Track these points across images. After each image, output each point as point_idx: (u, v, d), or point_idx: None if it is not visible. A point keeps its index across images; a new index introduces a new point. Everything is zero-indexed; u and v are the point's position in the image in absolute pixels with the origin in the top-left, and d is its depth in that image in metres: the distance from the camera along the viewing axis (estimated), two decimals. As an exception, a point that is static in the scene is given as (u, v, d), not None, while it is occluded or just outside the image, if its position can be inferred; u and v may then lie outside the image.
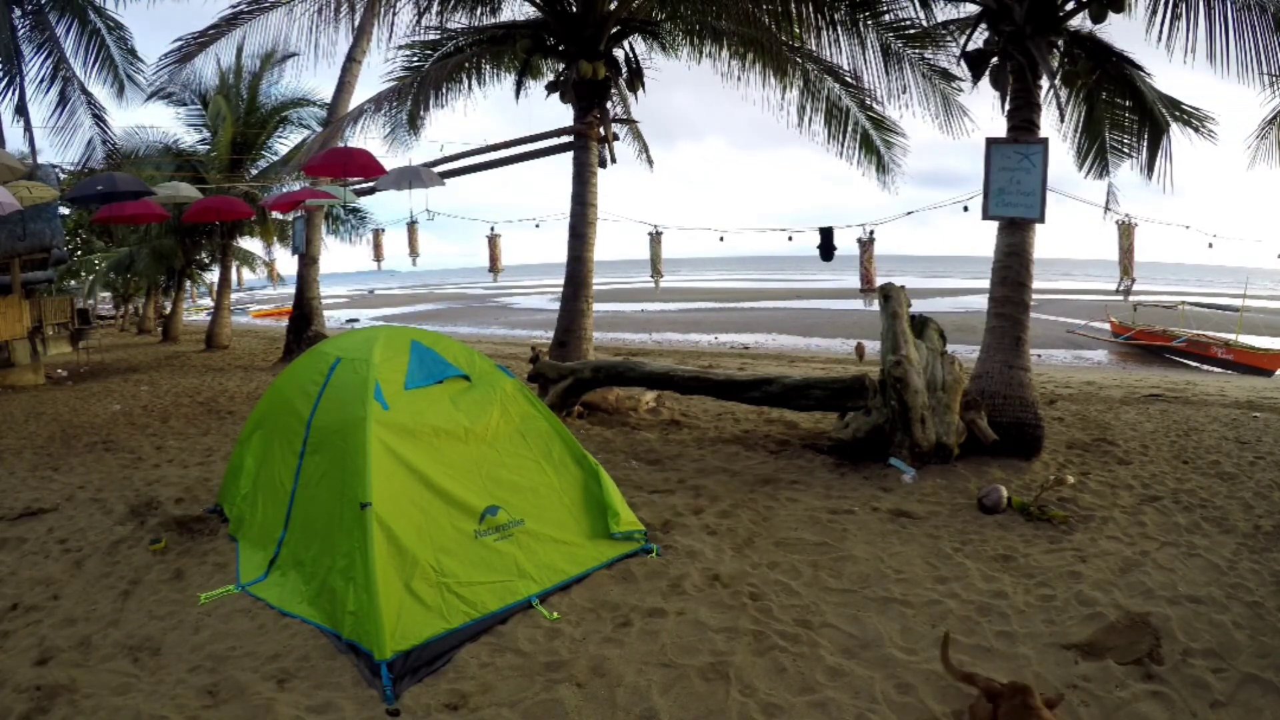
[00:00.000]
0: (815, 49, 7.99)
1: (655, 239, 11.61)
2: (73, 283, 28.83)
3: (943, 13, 7.11)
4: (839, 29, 7.29)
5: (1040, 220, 6.09)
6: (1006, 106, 6.27)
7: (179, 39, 9.45)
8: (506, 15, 9.33)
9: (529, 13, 9.08)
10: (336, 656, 2.99)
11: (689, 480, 5.35)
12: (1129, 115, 7.54)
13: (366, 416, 3.47)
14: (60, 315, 16.97)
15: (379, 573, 3.01)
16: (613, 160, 9.61)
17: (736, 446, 6.37)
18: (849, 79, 8.24)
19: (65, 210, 17.90)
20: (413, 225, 13.43)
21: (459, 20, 9.47)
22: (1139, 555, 3.85)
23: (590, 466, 4.07)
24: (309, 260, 14.88)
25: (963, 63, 6.73)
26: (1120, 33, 6.72)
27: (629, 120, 10.96)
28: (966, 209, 8.60)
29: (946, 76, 7.63)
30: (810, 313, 31.83)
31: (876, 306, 6.24)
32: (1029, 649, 2.97)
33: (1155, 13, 6.04)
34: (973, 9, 6.71)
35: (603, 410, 7.80)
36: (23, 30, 12.32)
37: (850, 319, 26.68)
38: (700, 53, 9.24)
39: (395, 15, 8.66)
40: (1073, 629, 3.11)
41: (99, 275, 28.27)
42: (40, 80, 12.49)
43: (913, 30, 7.23)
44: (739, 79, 8.80)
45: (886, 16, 7.20)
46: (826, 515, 4.56)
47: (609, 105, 9.30)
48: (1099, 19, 6.12)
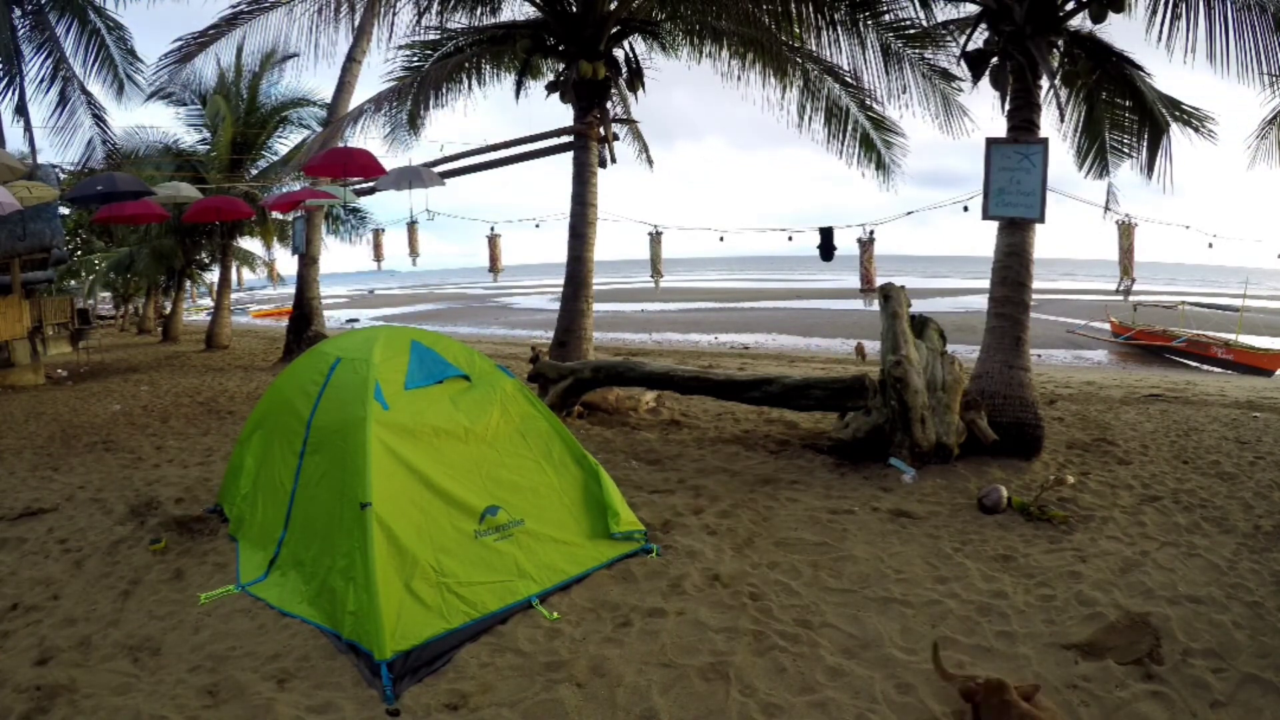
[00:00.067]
0: (815, 49, 7.99)
1: (655, 239, 11.61)
2: (73, 283, 28.83)
3: (943, 13, 7.12)
4: (839, 29, 7.29)
5: (1040, 220, 6.10)
6: (1006, 106, 6.27)
7: (179, 39, 9.46)
8: (506, 15, 9.34)
9: (529, 13, 9.08)
10: (336, 656, 2.99)
11: (689, 480, 5.35)
12: (1129, 115, 7.54)
13: (366, 416, 3.47)
14: (60, 315, 16.97)
15: (379, 573, 3.02)
16: (613, 160, 9.61)
17: (736, 446, 6.37)
18: (849, 79, 8.24)
19: (65, 210, 17.91)
20: (413, 225, 13.44)
21: (459, 20, 9.48)
22: (1139, 555, 3.85)
23: (590, 466, 4.07)
24: (309, 260, 14.89)
25: (963, 63, 6.73)
26: (1120, 33, 6.73)
27: (629, 120, 10.96)
28: (966, 209, 8.61)
29: (946, 76, 7.63)
30: (810, 313, 31.84)
31: (876, 306, 6.24)
32: (1029, 649, 2.97)
33: (1155, 13, 6.05)
34: (973, 9, 6.71)
35: (603, 410, 7.80)
36: (23, 30, 12.33)
37: (850, 319, 26.69)
38: (700, 53, 9.24)
39: (395, 15, 8.66)
40: (1073, 629, 3.11)
41: (99, 275, 28.28)
42: (40, 80, 12.50)
43: (913, 30, 7.23)
44: (739, 79, 8.81)
45: (886, 16, 7.20)
46: (826, 515, 4.56)
47: (609, 105, 9.30)
48: (1099, 19, 6.12)
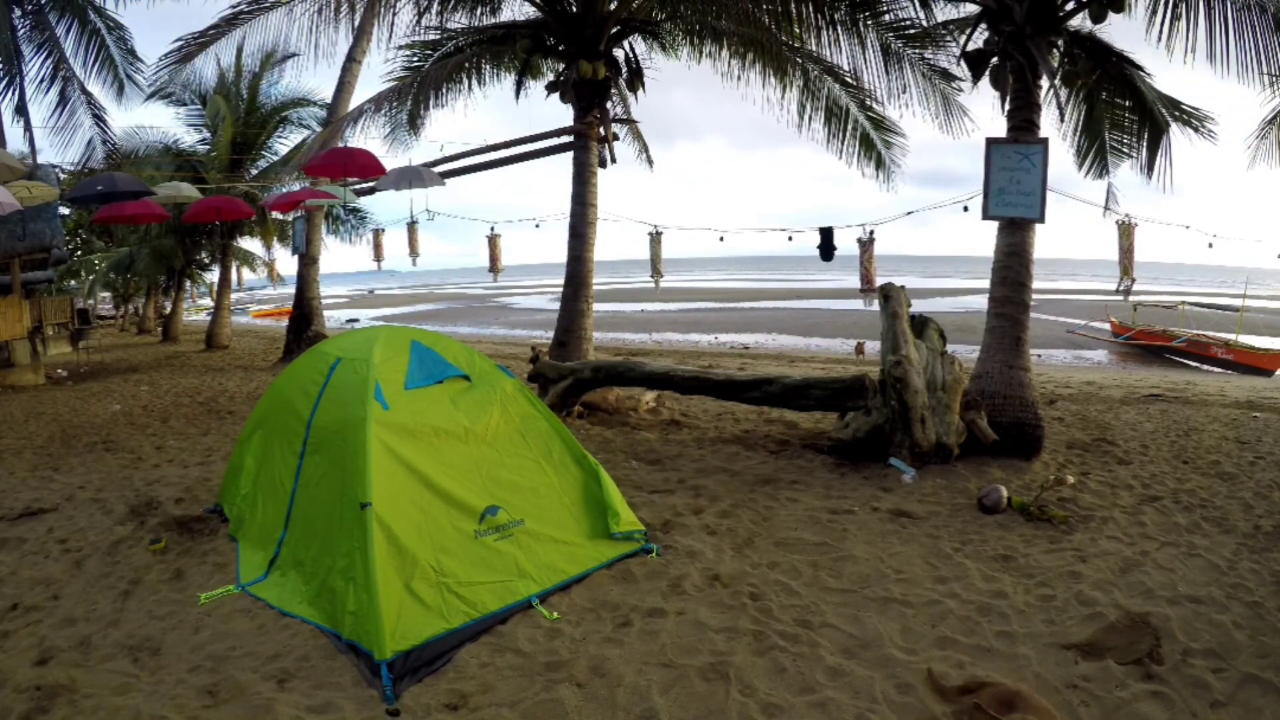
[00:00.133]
0: (815, 49, 7.98)
1: (655, 239, 11.62)
2: (73, 283, 28.84)
3: (943, 13, 7.12)
4: (839, 29, 7.29)
5: (1040, 220, 6.09)
6: (1006, 106, 6.27)
7: (179, 39, 9.46)
8: (506, 15, 9.33)
9: (529, 13, 9.08)
10: (336, 656, 2.99)
11: (689, 480, 5.35)
12: (1129, 115, 7.54)
13: (366, 416, 3.47)
14: (60, 315, 16.95)
15: (379, 573, 3.01)
16: (613, 160, 9.61)
17: (736, 446, 6.37)
18: (849, 79, 8.24)
19: (65, 210, 17.91)
20: (413, 225, 13.44)
21: (459, 20, 9.47)
22: (1139, 555, 3.85)
23: (590, 466, 4.07)
24: (309, 260, 14.89)
25: (963, 63, 6.73)
26: (1120, 33, 6.73)
27: (629, 120, 10.96)
28: (966, 209, 8.62)
29: (946, 76, 7.63)
30: (810, 313, 31.84)
31: (876, 306, 6.24)
32: (1029, 649, 2.97)
33: (1155, 13, 6.05)
34: (973, 9, 6.71)
35: (603, 410, 7.79)
36: (23, 30, 12.34)
37: (850, 319, 26.70)
38: (700, 53, 9.24)
39: (395, 15, 8.67)
40: (1073, 629, 3.11)
41: (99, 275, 28.28)
42: (40, 80, 12.52)
43: (913, 30, 7.23)
44: (739, 79, 8.81)
45: (886, 16, 7.20)
46: (826, 515, 4.56)
47: (609, 105, 9.29)
48: (1099, 19, 6.12)
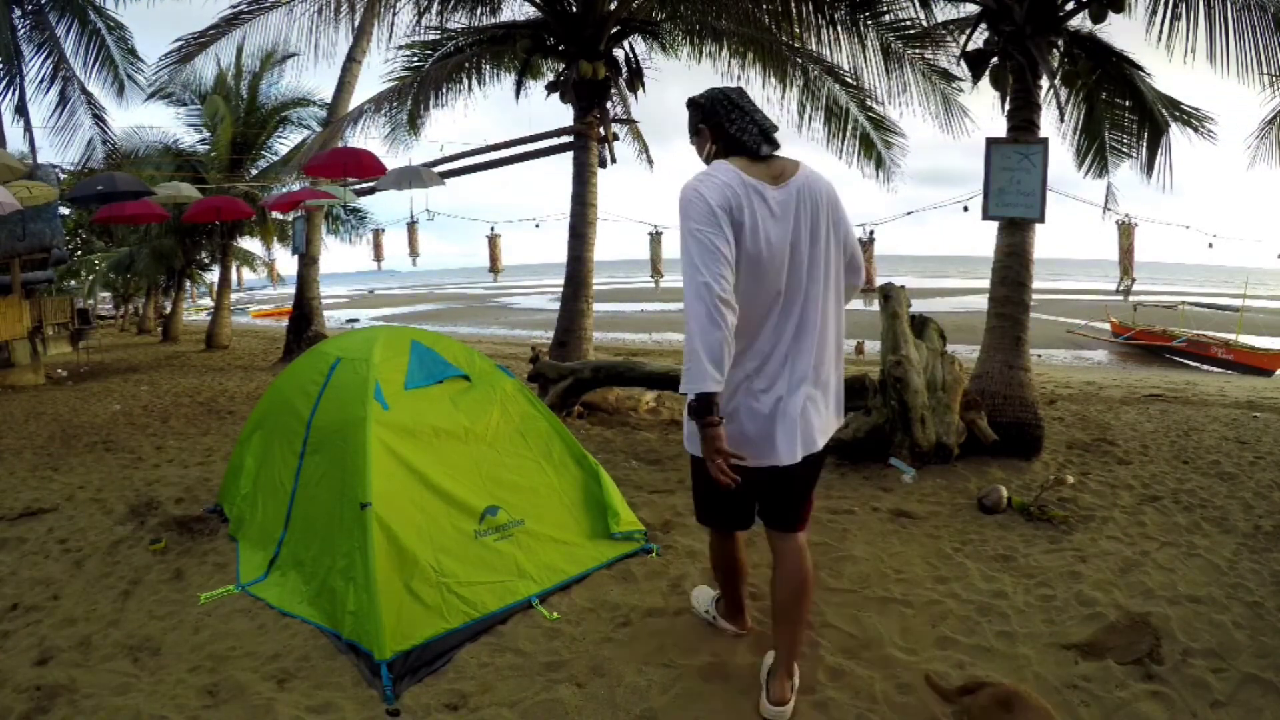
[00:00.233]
0: (815, 49, 7.99)
1: (655, 239, 11.64)
2: (73, 283, 28.85)
3: (943, 13, 7.11)
4: (839, 29, 7.30)
5: (1040, 220, 6.09)
6: (1006, 106, 6.26)
7: (179, 39, 9.47)
8: (506, 15, 9.33)
9: (529, 13, 9.08)
10: (336, 656, 2.99)
11: (689, 480, 5.33)
12: (1129, 115, 7.54)
13: (366, 416, 3.47)
14: (60, 315, 16.96)
15: (379, 573, 3.01)
16: (613, 160, 9.61)
17: (736, 446, 6.35)
18: (849, 79, 8.24)
19: (65, 210, 17.92)
20: (413, 225, 13.46)
21: (459, 20, 9.48)
22: (1139, 555, 3.85)
23: (590, 466, 4.07)
24: (309, 260, 14.89)
25: (963, 63, 6.73)
26: (1120, 32, 6.72)
27: (629, 120, 10.96)
28: (966, 209, 8.63)
29: (946, 76, 7.63)
30: (810, 313, 31.75)
31: (876, 306, 6.23)
32: (1029, 649, 2.97)
33: (1155, 13, 6.04)
34: (973, 9, 6.70)
35: (603, 410, 7.79)
36: (23, 30, 12.36)
37: (850, 319, 26.57)
38: (700, 53, 9.24)
39: (395, 15, 8.68)
40: (1073, 629, 3.11)
41: (99, 275, 28.29)
42: (40, 80, 12.54)
43: (913, 30, 7.23)
44: (739, 79, 8.81)
45: (886, 16, 7.20)
46: (826, 515, 4.56)
47: (609, 105, 9.30)
48: (1099, 19, 6.11)
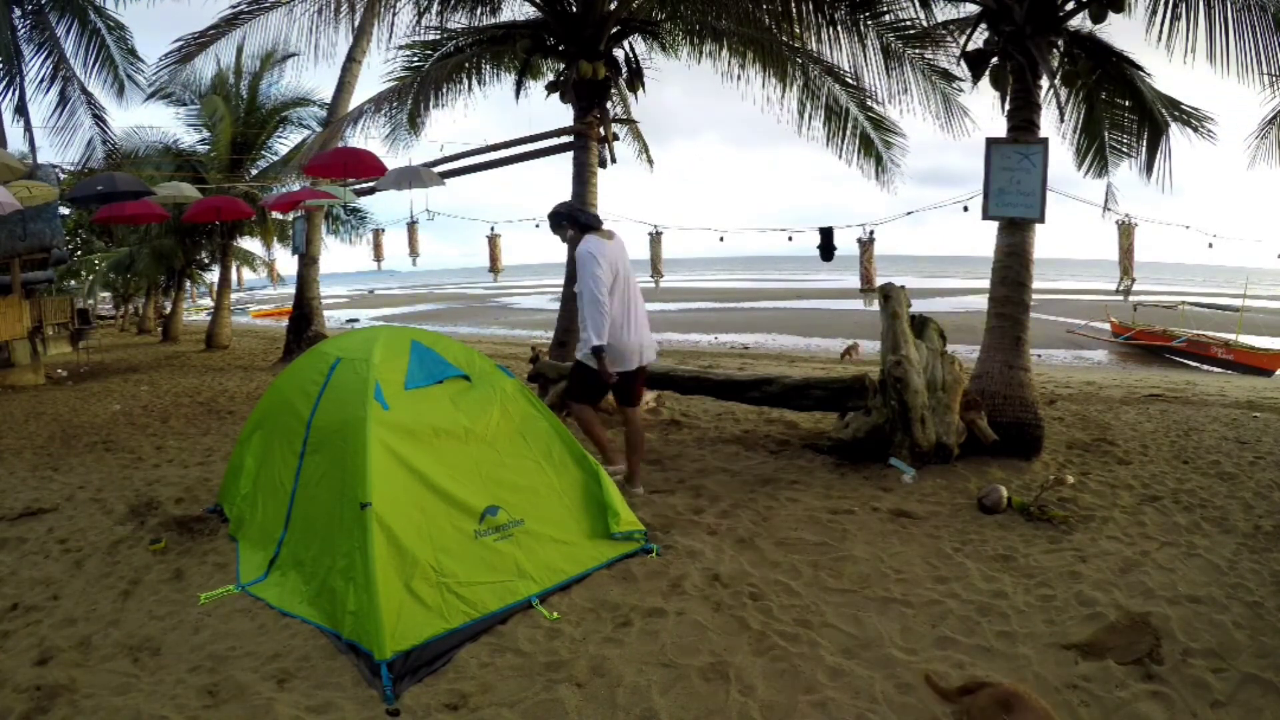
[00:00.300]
0: (815, 49, 7.98)
1: (655, 239, 11.61)
2: (73, 283, 28.83)
3: (943, 13, 7.11)
4: (839, 29, 7.29)
5: (1040, 220, 6.09)
6: (1006, 106, 6.27)
7: (179, 39, 9.44)
8: (506, 15, 9.32)
9: (529, 13, 9.07)
10: (336, 656, 2.99)
11: (689, 480, 5.35)
12: (1128, 115, 7.54)
13: (366, 417, 3.47)
14: (60, 315, 16.97)
15: (379, 573, 3.01)
16: (613, 160, 9.60)
17: (736, 446, 6.37)
18: (849, 79, 8.24)
19: (65, 210, 17.91)
20: (413, 225, 13.43)
21: (459, 20, 9.46)
22: (1139, 555, 3.85)
23: (590, 466, 4.07)
24: (309, 260, 14.89)
25: (963, 63, 6.73)
26: (1120, 32, 6.73)
27: (629, 120, 10.95)
28: (966, 209, 8.60)
29: (947, 76, 7.63)
30: (810, 313, 31.86)
31: (876, 306, 6.23)
32: (1029, 649, 2.97)
33: (1155, 13, 6.04)
34: (973, 9, 6.71)
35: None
36: (23, 30, 12.36)
37: (850, 319, 26.70)
38: (700, 53, 9.23)
39: (395, 15, 8.66)
40: (1073, 629, 3.11)
41: (99, 275, 28.29)
42: (40, 80, 12.55)
43: (913, 30, 7.22)
44: (739, 78, 8.81)
45: (887, 16, 7.20)
46: (826, 515, 4.56)
47: (609, 105, 9.29)
48: (1099, 19, 6.11)
